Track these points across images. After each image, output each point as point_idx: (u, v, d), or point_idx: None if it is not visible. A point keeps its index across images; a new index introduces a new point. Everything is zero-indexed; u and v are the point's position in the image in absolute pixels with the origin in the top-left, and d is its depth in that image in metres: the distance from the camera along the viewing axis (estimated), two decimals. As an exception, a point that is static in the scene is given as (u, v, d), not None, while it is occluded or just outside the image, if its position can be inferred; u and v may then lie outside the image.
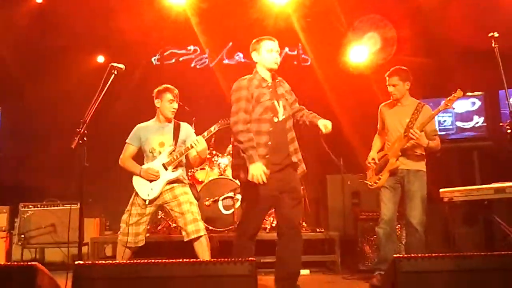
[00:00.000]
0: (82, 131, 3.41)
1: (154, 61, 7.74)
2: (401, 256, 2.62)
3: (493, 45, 3.77)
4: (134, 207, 4.27)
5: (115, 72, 3.69)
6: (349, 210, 5.93)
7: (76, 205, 5.72)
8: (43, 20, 6.86)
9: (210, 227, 5.53)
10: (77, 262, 2.57)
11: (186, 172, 4.57)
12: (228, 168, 6.16)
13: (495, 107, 6.00)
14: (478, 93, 6.16)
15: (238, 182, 5.53)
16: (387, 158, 4.52)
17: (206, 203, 5.67)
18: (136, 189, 4.30)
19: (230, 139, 6.12)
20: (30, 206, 6.04)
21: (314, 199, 6.70)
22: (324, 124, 3.77)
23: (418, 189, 4.41)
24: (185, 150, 4.30)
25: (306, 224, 6.16)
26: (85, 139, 3.41)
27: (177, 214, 4.27)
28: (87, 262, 2.61)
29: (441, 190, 5.05)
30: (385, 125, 4.68)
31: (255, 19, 6.84)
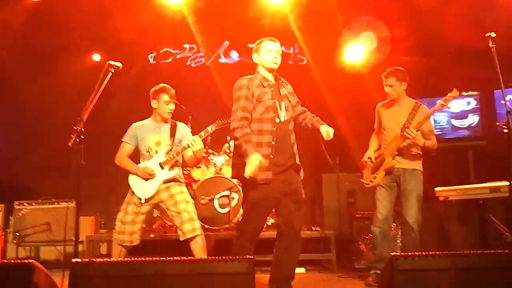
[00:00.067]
0: (80, 129, 3.41)
1: (151, 59, 7.71)
2: (398, 254, 2.64)
3: (490, 45, 3.76)
4: (130, 206, 4.27)
5: (112, 71, 3.68)
6: (345, 209, 5.94)
7: (72, 203, 5.74)
8: (39, 19, 6.82)
9: (206, 226, 5.52)
10: (74, 260, 2.57)
11: (182, 171, 4.57)
12: (224, 167, 6.16)
13: (490, 107, 6.02)
14: (474, 93, 6.18)
15: (235, 181, 5.61)
16: (384, 157, 4.54)
17: (202, 202, 5.67)
18: (132, 188, 4.30)
19: (226, 138, 6.23)
20: (25, 204, 6.03)
21: (310, 198, 6.67)
22: (327, 131, 3.77)
23: (414, 188, 4.43)
24: (182, 150, 4.30)
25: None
26: (82, 137, 3.40)
27: (173, 213, 4.27)
28: (84, 260, 2.60)
29: (437, 189, 5.08)
30: (382, 125, 4.69)
31: (252, 18, 6.83)
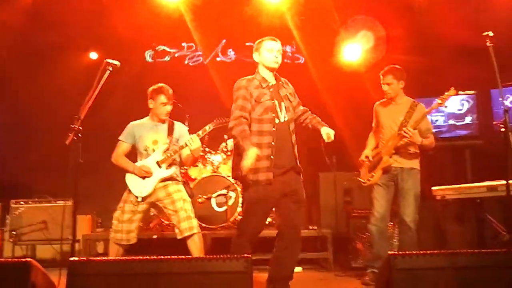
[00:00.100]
0: (77, 128, 3.39)
1: (149, 58, 7.68)
2: (396, 253, 2.64)
3: (488, 44, 3.76)
4: (127, 204, 4.26)
5: (110, 69, 3.66)
6: (342, 208, 5.95)
7: (69, 202, 5.72)
8: (36, 17, 6.79)
9: (203, 225, 5.51)
10: (72, 259, 2.56)
11: (179, 170, 4.56)
12: (221, 165, 6.15)
13: (487, 106, 6.03)
14: (470, 92, 6.19)
15: (232, 180, 5.61)
16: (381, 156, 4.54)
17: (199, 201, 5.67)
18: (129, 186, 4.29)
19: (224, 137, 6.22)
20: (22, 203, 5.99)
21: (307, 197, 6.59)
22: (327, 133, 3.78)
23: (412, 187, 4.44)
24: (180, 148, 4.30)
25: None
26: (80, 136, 3.39)
27: (171, 212, 4.26)
28: (82, 259, 2.60)
29: (434, 188, 5.09)
30: (380, 124, 4.70)
31: (249, 17, 6.83)
